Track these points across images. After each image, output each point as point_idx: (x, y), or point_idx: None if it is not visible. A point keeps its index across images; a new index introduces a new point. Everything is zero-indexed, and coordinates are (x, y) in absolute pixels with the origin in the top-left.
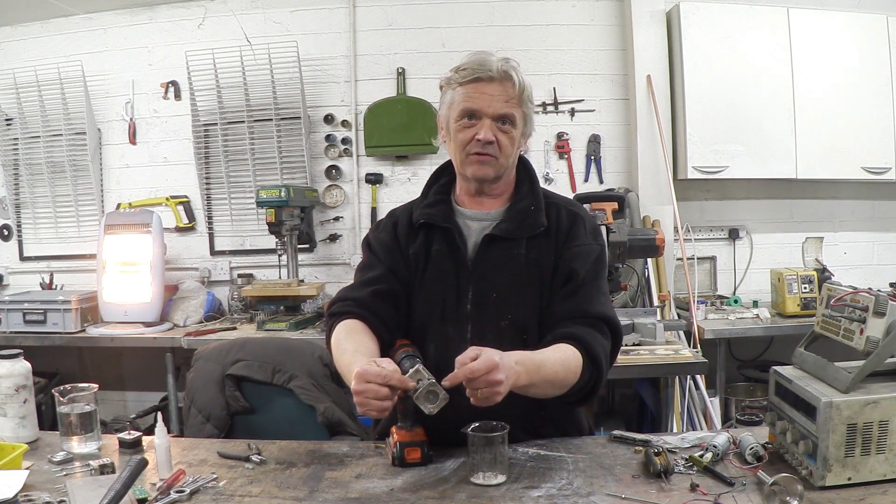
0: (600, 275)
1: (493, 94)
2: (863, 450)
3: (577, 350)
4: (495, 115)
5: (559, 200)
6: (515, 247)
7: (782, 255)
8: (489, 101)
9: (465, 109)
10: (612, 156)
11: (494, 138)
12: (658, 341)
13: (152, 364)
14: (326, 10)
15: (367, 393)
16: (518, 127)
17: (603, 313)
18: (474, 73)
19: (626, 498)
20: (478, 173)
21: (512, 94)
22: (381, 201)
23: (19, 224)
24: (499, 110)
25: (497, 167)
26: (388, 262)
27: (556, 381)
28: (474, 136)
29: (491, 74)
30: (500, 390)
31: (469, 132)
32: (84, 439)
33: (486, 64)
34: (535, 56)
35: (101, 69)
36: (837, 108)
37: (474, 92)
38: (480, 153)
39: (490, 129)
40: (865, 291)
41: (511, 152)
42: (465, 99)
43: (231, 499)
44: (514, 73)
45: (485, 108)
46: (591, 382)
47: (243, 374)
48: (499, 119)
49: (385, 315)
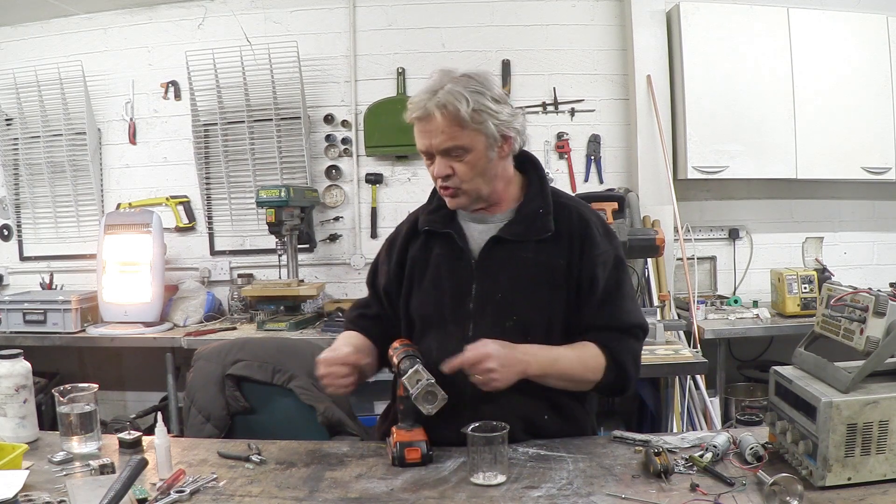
0: (623, 279)
1: (431, 131)
2: (863, 450)
3: (601, 352)
4: (440, 151)
5: (569, 201)
6: (523, 250)
7: (782, 255)
8: (430, 138)
9: (419, 150)
10: (612, 156)
11: (450, 170)
12: (658, 341)
13: (152, 364)
14: (326, 10)
15: (329, 376)
16: (474, 148)
17: (633, 322)
18: (412, 112)
19: (626, 498)
20: (452, 206)
21: (447, 124)
22: (381, 201)
23: (19, 224)
24: (440, 146)
25: (466, 195)
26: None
27: (573, 376)
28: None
29: (419, 115)
30: (494, 377)
31: (431, 168)
32: (84, 439)
33: (418, 102)
34: (535, 56)
35: (101, 69)
36: (837, 108)
37: (420, 132)
38: (444, 188)
39: (441, 165)
40: (865, 291)
41: (475, 175)
42: (417, 139)
43: (231, 499)
44: (444, 100)
45: (429, 147)
46: (618, 382)
47: (243, 374)
48: (445, 153)
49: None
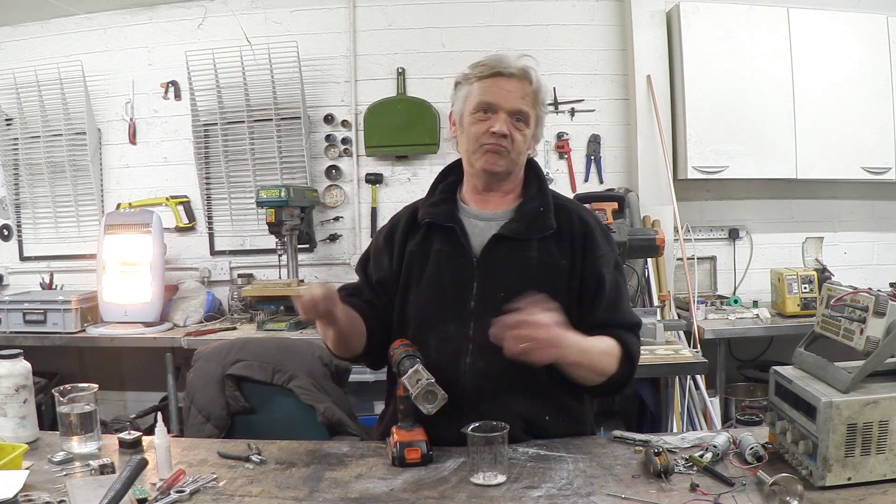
0: (622, 281)
1: (511, 90)
2: (863, 450)
3: (617, 344)
4: (511, 110)
5: (567, 203)
6: (525, 249)
7: (782, 255)
8: (506, 95)
9: (482, 103)
10: (612, 156)
11: (508, 132)
12: (658, 341)
13: (152, 364)
14: (326, 10)
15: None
16: (531, 126)
17: (634, 321)
18: (493, 68)
19: (626, 498)
20: (488, 165)
21: (529, 91)
22: (381, 201)
23: (19, 224)
24: (515, 105)
25: (508, 162)
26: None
27: (598, 367)
28: (488, 129)
29: (511, 71)
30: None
31: (483, 125)
32: (84, 439)
33: (506, 60)
34: (535, 56)
35: (101, 69)
36: (837, 108)
37: (492, 86)
38: (494, 144)
39: (505, 123)
40: (865, 291)
41: (522, 149)
42: (483, 92)
43: (231, 499)
44: (533, 73)
45: (501, 101)
46: (624, 377)
47: (243, 374)
48: (514, 114)
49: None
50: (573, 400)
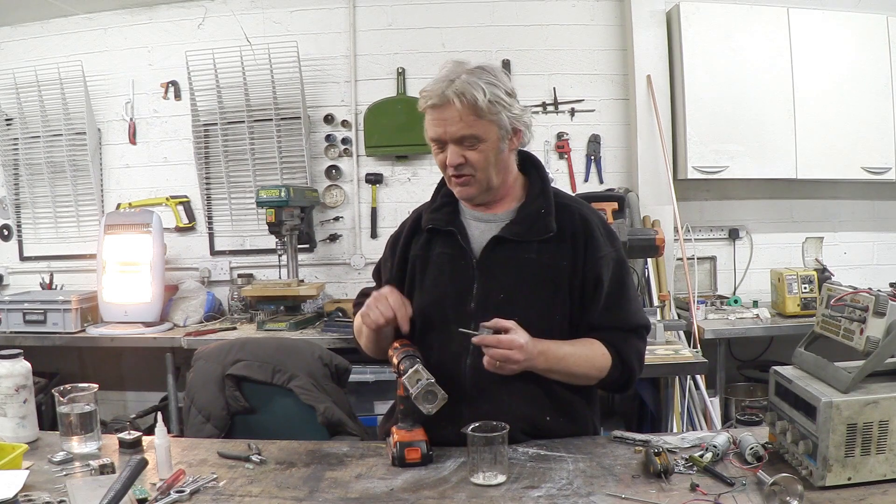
0: (626, 280)
1: (447, 118)
2: (863, 450)
3: (607, 352)
4: (454, 139)
5: (570, 202)
6: (526, 250)
7: (782, 255)
8: (444, 126)
9: (431, 137)
10: (612, 156)
11: (463, 159)
12: (658, 341)
13: (152, 364)
14: (326, 10)
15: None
16: (487, 138)
17: (637, 323)
18: (427, 99)
19: (626, 498)
20: (461, 195)
21: (464, 113)
22: (381, 201)
23: (19, 224)
24: (456, 134)
25: (478, 184)
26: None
27: (577, 374)
28: (444, 162)
29: (435, 102)
30: (513, 368)
31: (441, 157)
32: (84, 439)
33: (436, 89)
34: (535, 56)
35: (101, 69)
36: (837, 108)
37: (433, 118)
38: (456, 176)
39: (455, 153)
40: (865, 291)
41: (487, 165)
42: (429, 126)
43: (231, 499)
44: (459, 94)
45: (443, 134)
46: (622, 379)
47: (243, 374)
48: (459, 141)
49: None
50: (577, 397)
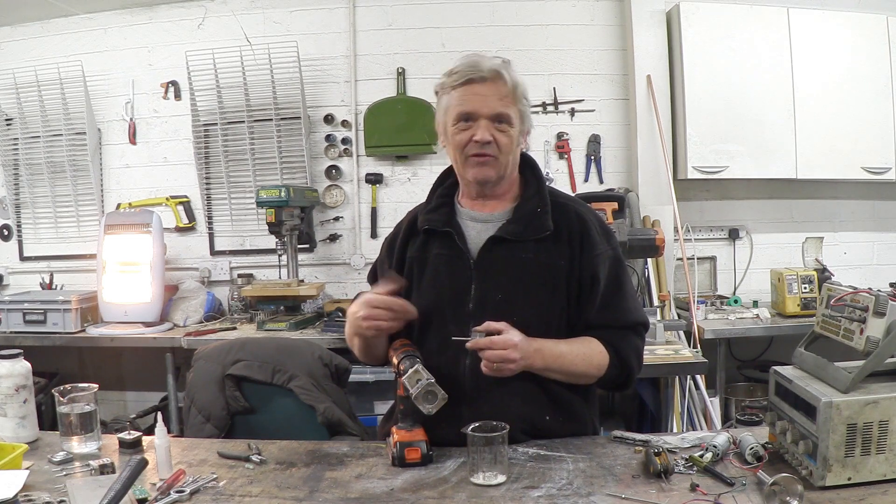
0: (623, 278)
1: (487, 95)
2: (863, 450)
3: (605, 350)
4: (491, 115)
5: (567, 201)
6: (523, 250)
7: (782, 255)
8: (483, 101)
9: (461, 112)
10: (612, 156)
11: (492, 138)
12: (658, 341)
13: (152, 364)
14: (326, 10)
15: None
16: (515, 125)
17: (634, 320)
18: (465, 75)
19: (626, 498)
20: (478, 175)
21: (505, 92)
22: (381, 201)
23: (19, 224)
24: (494, 109)
25: (498, 167)
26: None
27: (574, 372)
28: (471, 138)
29: (482, 75)
30: (511, 367)
31: (466, 134)
32: (84, 439)
33: (477, 65)
34: (535, 56)
35: (101, 69)
36: (837, 108)
37: (468, 94)
38: (479, 154)
39: (487, 129)
40: (865, 291)
41: (511, 150)
42: (460, 102)
43: (231, 499)
44: (506, 72)
45: (479, 108)
46: (621, 377)
47: (243, 374)
48: (495, 119)
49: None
50: (576, 397)
